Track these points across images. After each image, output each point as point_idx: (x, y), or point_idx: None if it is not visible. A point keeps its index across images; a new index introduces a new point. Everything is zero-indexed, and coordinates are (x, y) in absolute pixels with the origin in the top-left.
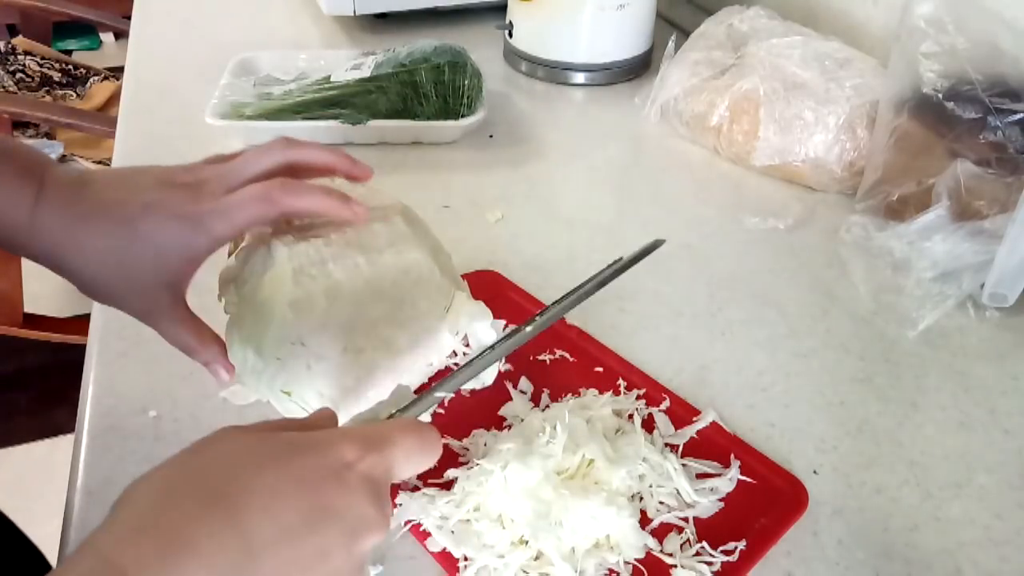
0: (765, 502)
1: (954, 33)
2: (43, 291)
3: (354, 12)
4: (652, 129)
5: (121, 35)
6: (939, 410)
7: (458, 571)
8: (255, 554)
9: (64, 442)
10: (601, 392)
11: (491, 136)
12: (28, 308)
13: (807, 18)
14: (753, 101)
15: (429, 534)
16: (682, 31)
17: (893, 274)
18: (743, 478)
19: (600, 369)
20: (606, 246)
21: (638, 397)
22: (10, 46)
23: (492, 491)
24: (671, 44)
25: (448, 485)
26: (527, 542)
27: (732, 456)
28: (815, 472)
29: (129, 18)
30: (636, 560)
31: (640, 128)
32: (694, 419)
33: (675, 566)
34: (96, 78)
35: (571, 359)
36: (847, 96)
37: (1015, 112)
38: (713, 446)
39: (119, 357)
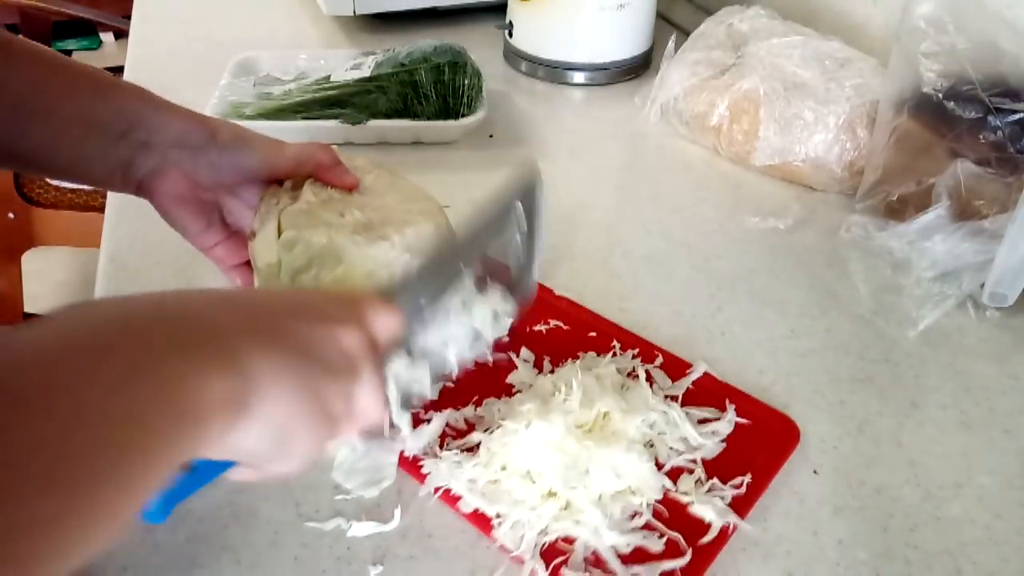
0: (762, 439)
1: (954, 33)
2: (43, 291)
3: (354, 12)
4: (652, 129)
5: (121, 35)
6: (939, 410)
7: (492, 528)
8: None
9: None
10: (599, 354)
11: (491, 136)
12: (28, 308)
13: (807, 18)
14: (753, 101)
15: (459, 497)
16: (682, 31)
17: (893, 274)
18: (739, 420)
19: (594, 334)
20: (606, 246)
21: (634, 356)
22: None
23: (518, 449)
24: (671, 44)
25: (472, 449)
26: (555, 494)
27: (727, 401)
28: (815, 472)
29: (129, 18)
30: (656, 501)
31: (640, 128)
32: (687, 371)
33: (691, 503)
34: None
35: (565, 327)
36: (847, 96)
37: (1015, 112)
38: (708, 394)
39: None
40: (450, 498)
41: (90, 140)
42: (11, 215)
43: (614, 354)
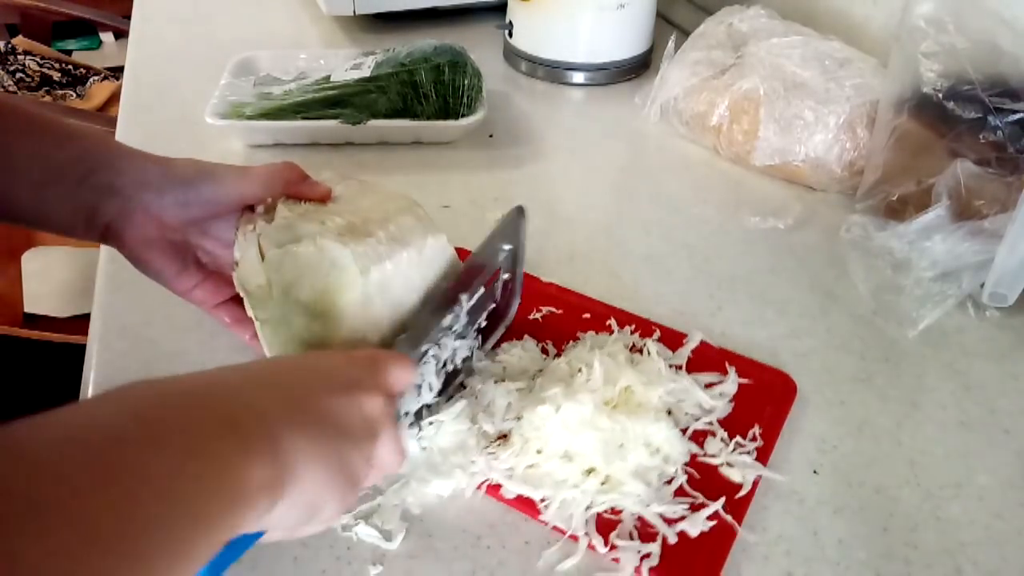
0: (764, 394)
1: (954, 33)
2: (43, 291)
3: (354, 12)
4: (652, 129)
5: (121, 35)
6: (939, 410)
7: (539, 512)
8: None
9: None
10: (597, 333)
11: (491, 136)
12: (28, 308)
13: (807, 18)
14: (753, 101)
15: (500, 487)
16: (682, 31)
17: (893, 274)
18: (741, 380)
19: (588, 315)
20: (606, 246)
21: (632, 332)
22: (10, 46)
23: (552, 432)
24: (671, 44)
25: (502, 438)
26: (594, 469)
27: (726, 364)
28: (815, 472)
29: (129, 18)
30: (686, 466)
31: (640, 128)
32: (684, 341)
33: (721, 464)
34: (96, 78)
35: (558, 311)
36: (847, 96)
37: (1015, 112)
38: (707, 360)
39: (119, 357)
40: (493, 488)
41: (50, 185)
42: None
43: (610, 332)
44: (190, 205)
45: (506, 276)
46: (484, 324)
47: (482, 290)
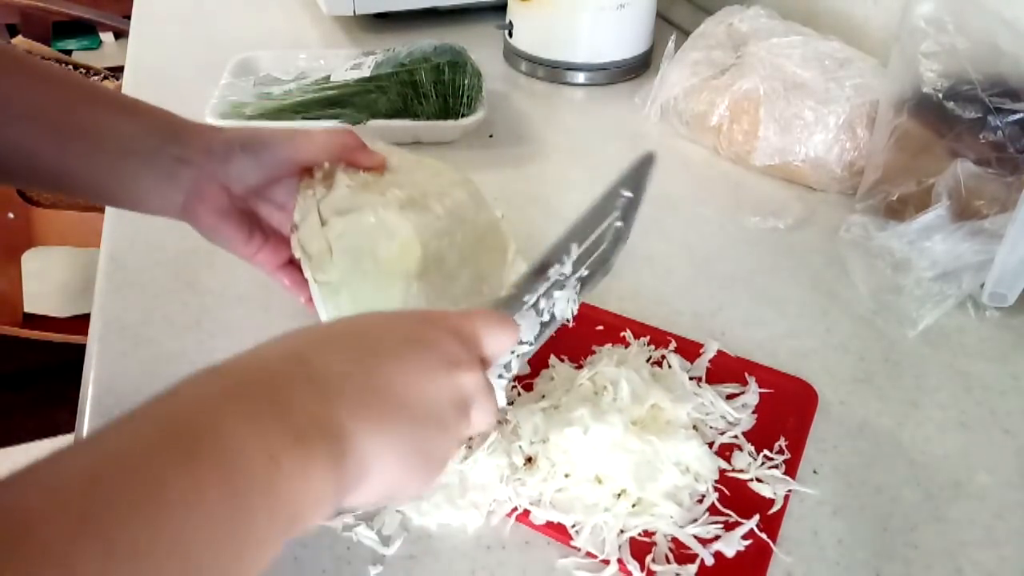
0: (786, 404)
1: (954, 33)
2: (43, 291)
3: (354, 12)
4: (652, 129)
5: (121, 35)
6: (939, 410)
7: (571, 538)
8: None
9: (64, 442)
10: (613, 346)
11: (491, 136)
12: (28, 308)
13: (807, 18)
14: (753, 101)
15: (528, 513)
16: (682, 31)
17: (893, 274)
18: (762, 390)
19: (601, 327)
20: None
21: (647, 343)
22: (10, 46)
23: (581, 456)
24: (671, 44)
25: (528, 461)
26: (625, 491)
27: (746, 374)
28: (815, 472)
29: (129, 18)
30: (715, 483)
31: (640, 128)
32: (701, 351)
33: (750, 480)
34: (96, 78)
35: (570, 324)
36: (847, 96)
37: (1015, 112)
38: (726, 370)
39: (119, 357)
40: (524, 515)
41: (128, 156)
42: (11, 215)
43: (625, 344)
44: (253, 171)
45: (619, 224)
46: (586, 273)
47: (592, 239)
